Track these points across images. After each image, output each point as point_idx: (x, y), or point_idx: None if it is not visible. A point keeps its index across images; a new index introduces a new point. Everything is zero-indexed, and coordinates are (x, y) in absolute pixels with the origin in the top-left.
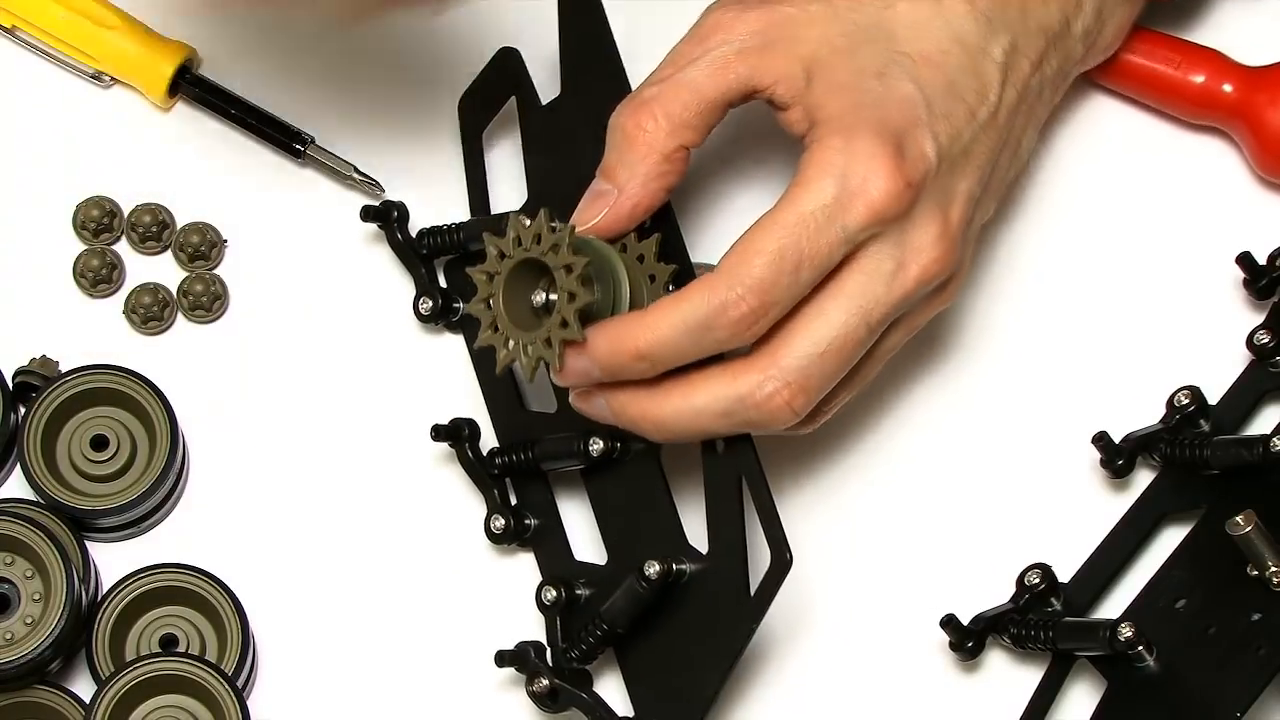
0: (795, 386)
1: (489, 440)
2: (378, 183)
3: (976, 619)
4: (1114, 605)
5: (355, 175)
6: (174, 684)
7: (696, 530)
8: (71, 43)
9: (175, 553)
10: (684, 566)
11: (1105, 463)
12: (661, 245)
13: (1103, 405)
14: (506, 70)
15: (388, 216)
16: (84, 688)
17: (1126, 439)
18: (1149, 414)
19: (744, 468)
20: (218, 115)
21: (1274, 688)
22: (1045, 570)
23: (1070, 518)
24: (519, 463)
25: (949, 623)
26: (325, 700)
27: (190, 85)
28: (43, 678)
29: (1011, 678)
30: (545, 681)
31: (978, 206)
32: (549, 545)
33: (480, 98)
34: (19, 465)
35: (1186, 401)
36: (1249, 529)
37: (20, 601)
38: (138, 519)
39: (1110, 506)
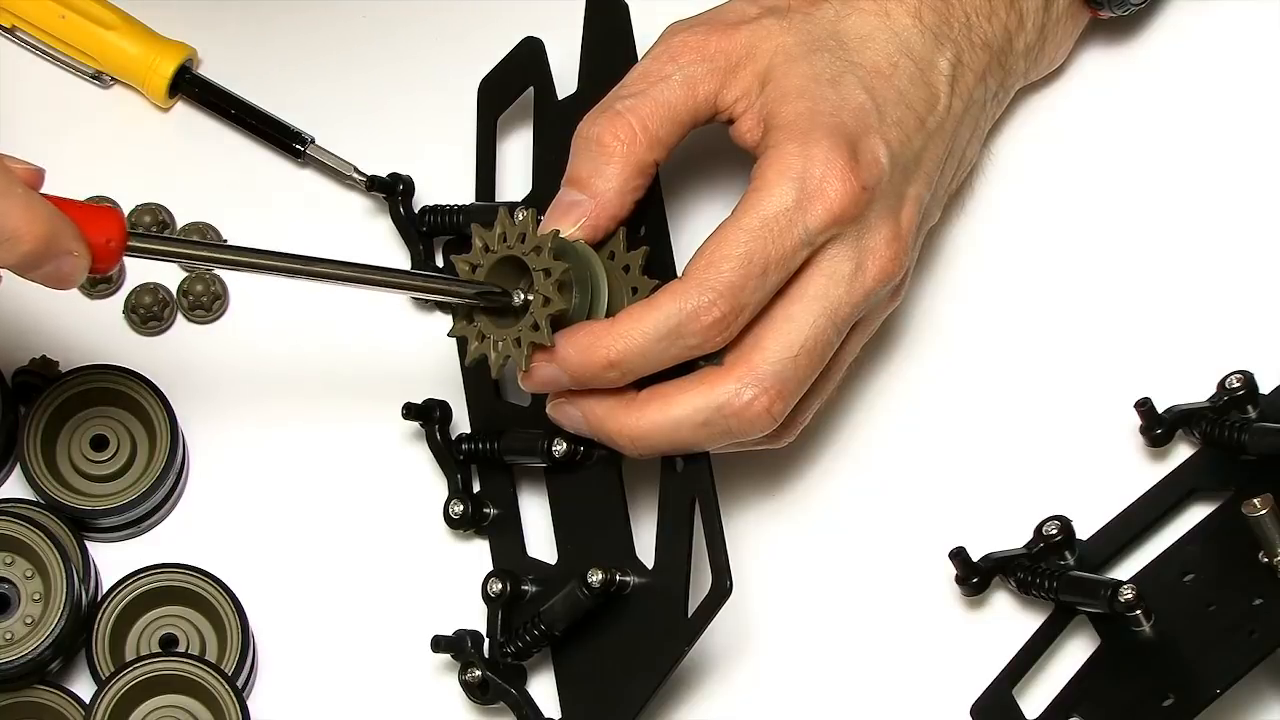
0: (773, 392)
1: (464, 425)
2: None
3: (986, 558)
4: (1125, 569)
5: (355, 175)
6: (174, 684)
7: (648, 544)
8: (71, 43)
9: (175, 553)
10: (628, 579)
11: (1145, 429)
12: (650, 259)
13: (1155, 376)
14: (529, 60)
15: (393, 188)
16: (84, 688)
17: (1170, 410)
18: (1201, 392)
19: (699, 490)
20: (218, 115)
21: (1268, 674)
22: (1064, 523)
23: (1100, 480)
24: (484, 452)
25: (958, 555)
26: (325, 700)
27: (190, 85)
28: (43, 678)
29: (1009, 630)
30: (477, 672)
31: (926, 211)
32: (504, 537)
33: (500, 83)
34: (19, 465)
35: (1237, 385)
36: (1264, 512)
37: (20, 601)
38: (138, 519)
39: (1142, 474)
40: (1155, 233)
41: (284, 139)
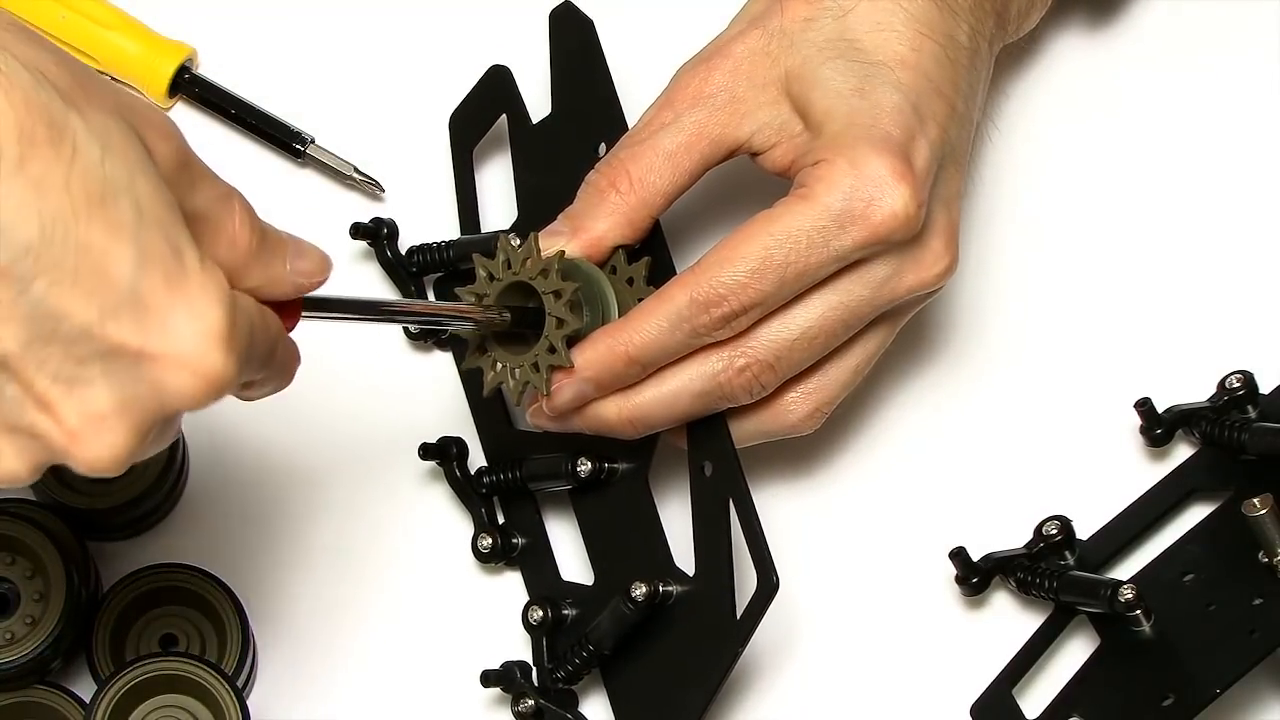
0: (762, 364)
1: (478, 459)
2: (378, 182)
3: (986, 558)
4: (1125, 570)
5: (355, 175)
6: (174, 684)
7: (684, 552)
8: (71, 43)
9: (175, 553)
10: (670, 588)
11: (1145, 429)
12: (651, 268)
13: (1155, 376)
14: (497, 88)
15: (377, 234)
16: (84, 688)
17: (1170, 410)
18: (1201, 392)
19: (732, 490)
20: (218, 115)
21: (1267, 675)
22: (1064, 523)
23: (1100, 480)
24: (506, 482)
25: (958, 555)
26: (325, 700)
27: (190, 85)
28: (43, 678)
29: (1009, 630)
30: (530, 702)
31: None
32: (536, 565)
33: (471, 115)
34: None
35: (1237, 385)
36: (1264, 512)
37: (20, 601)
38: (138, 519)
39: (1142, 474)
40: (1155, 232)
41: (284, 139)
